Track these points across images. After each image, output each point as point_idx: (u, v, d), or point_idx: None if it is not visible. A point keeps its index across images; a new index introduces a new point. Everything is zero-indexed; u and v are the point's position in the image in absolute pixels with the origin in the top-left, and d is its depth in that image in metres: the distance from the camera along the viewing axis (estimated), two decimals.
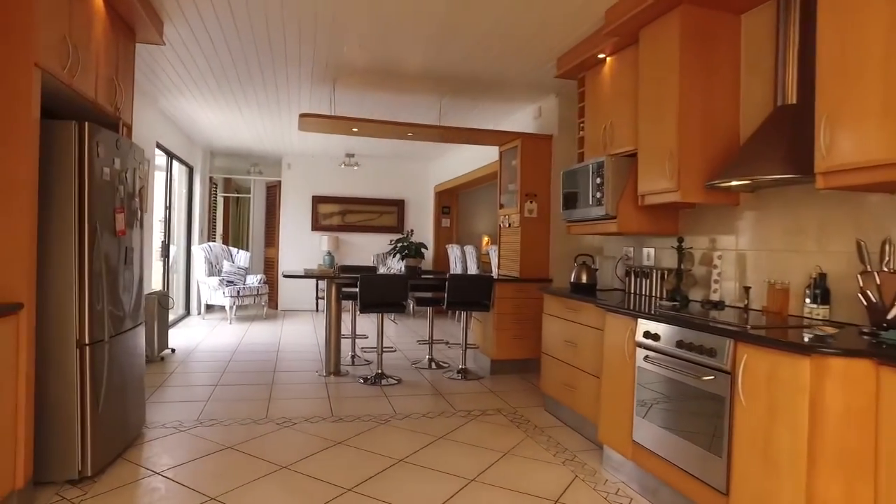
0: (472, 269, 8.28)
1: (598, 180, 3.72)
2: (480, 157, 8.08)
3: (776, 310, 2.76)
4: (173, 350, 6.17)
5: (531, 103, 6.10)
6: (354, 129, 5.56)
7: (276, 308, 9.98)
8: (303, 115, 5.18)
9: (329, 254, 9.79)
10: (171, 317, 8.06)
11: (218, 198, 10.67)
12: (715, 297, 3.22)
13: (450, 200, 10.36)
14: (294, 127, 7.49)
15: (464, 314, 5.65)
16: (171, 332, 7.27)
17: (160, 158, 7.48)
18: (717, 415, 2.32)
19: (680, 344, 2.58)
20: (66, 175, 2.85)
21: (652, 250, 4.01)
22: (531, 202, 5.72)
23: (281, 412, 4.18)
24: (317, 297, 9.95)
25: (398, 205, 10.42)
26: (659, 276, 3.78)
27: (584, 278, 4.28)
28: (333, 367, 5.42)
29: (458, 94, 5.81)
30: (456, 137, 5.99)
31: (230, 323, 8.30)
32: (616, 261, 4.45)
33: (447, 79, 5.32)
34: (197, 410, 4.17)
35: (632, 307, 3.18)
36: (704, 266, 3.45)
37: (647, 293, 3.89)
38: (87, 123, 2.89)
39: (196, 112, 6.92)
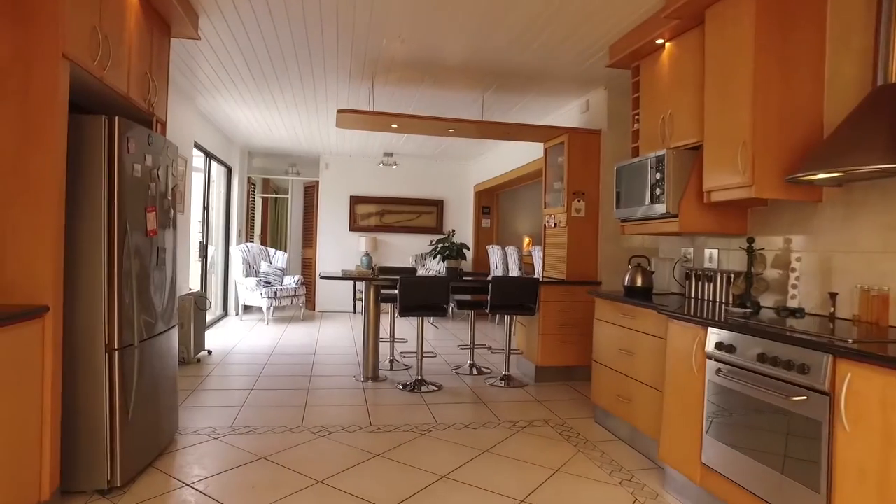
0: (514, 271, 8.02)
1: (658, 175, 3.42)
2: (522, 155, 7.81)
3: (872, 320, 2.43)
4: (210, 352, 6.08)
5: (578, 97, 5.81)
6: (394, 126, 5.37)
7: (314, 309, 9.89)
8: (341, 111, 5.02)
9: (367, 254, 9.65)
10: (209, 317, 8.04)
11: (256, 198, 10.65)
12: (793, 303, 2.89)
13: (490, 200, 10.11)
14: (332, 125, 7.36)
15: (507, 318, 5.39)
16: (209, 334, 7.22)
17: (198, 160, 7.44)
18: (810, 441, 2.02)
19: (762, 358, 2.27)
20: (96, 172, 2.72)
21: (714, 251, 3.68)
22: (579, 201, 5.43)
23: (317, 420, 4.00)
24: (354, 299, 9.83)
25: (437, 205, 10.22)
26: (724, 279, 3.46)
27: (639, 281, 3.98)
28: (371, 371, 5.23)
29: (501, 88, 5.56)
30: (499, 133, 5.74)
31: (267, 324, 8.22)
32: (673, 263, 4.13)
33: (490, 72, 5.08)
34: (231, 416, 4.03)
35: (699, 314, 2.88)
36: (777, 269, 3.13)
37: (710, 298, 3.57)
38: (117, 118, 2.75)
39: (234, 111, 6.85)
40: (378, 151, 9.30)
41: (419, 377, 5.03)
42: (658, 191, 3.41)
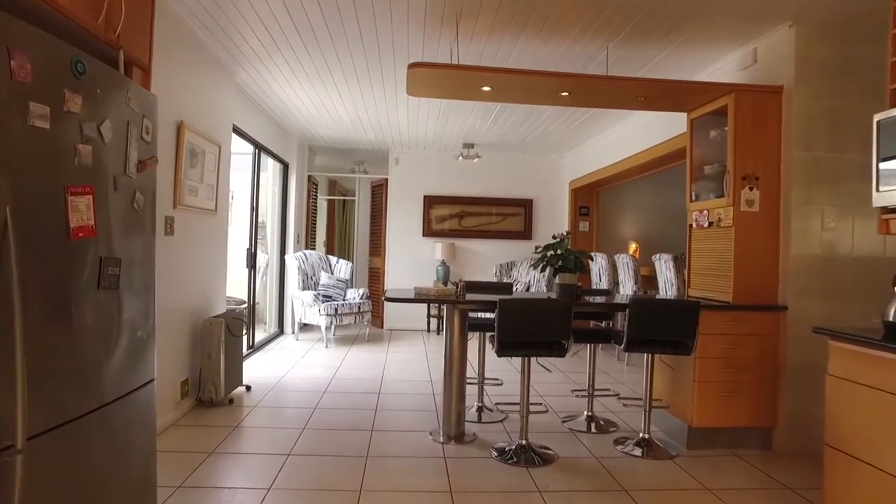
0: (628, 286, 6.36)
1: None
2: (634, 140, 6.25)
3: None
4: (248, 387, 4.80)
5: (739, 46, 4.14)
6: (485, 88, 3.89)
7: (382, 327, 8.56)
8: (413, 66, 3.60)
9: (443, 263, 8.23)
10: (260, 336, 6.88)
11: (319, 200, 9.47)
12: None
13: (589, 199, 8.46)
14: (401, 106, 6.02)
15: (648, 357, 3.78)
16: (255, 358, 6.02)
17: (244, 158, 6.26)
18: None
19: None
20: None
21: None
22: (751, 189, 3.76)
23: None
24: (429, 315, 8.42)
25: (525, 205, 8.67)
26: None
27: None
28: (454, 429, 3.77)
29: (631, 37, 3.99)
30: (632, 96, 4.05)
31: (326, 346, 6.93)
32: None
33: (619, 8, 3.53)
34: None
35: None
36: None
37: None
38: None
39: (284, 90, 5.60)
40: (456, 142, 7.87)
41: (523, 442, 3.52)
42: None
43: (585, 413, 4.23)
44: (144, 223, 2.19)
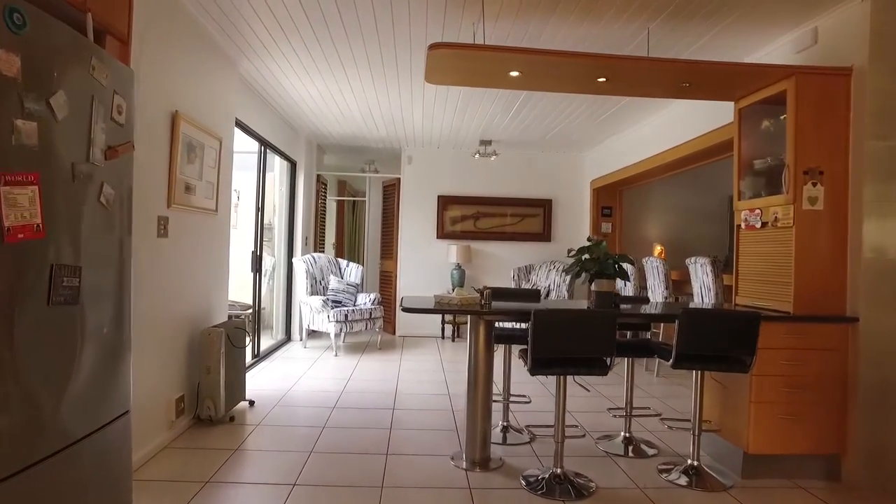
0: (658, 291, 5.92)
1: None
2: (658, 138, 5.91)
3: None
4: (251, 402, 4.42)
5: (796, 25, 3.71)
6: (514, 73, 3.48)
7: (394, 333, 8.16)
8: (435, 47, 3.19)
9: (458, 267, 7.83)
10: (268, 342, 6.53)
11: (328, 201, 9.09)
12: None
13: (611, 199, 8.01)
14: (416, 99, 5.62)
15: (697, 375, 3.34)
16: (262, 367, 5.66)
17: (250, 157, 5.90)
18: None
19: None
20: None
21: None
22: (814, 185, 3.33)
23: None
24: (443, 321, 8.02)
25: (544, 206, 8.24)
26: None
27: None
28: (479, 453, 3.36)
29: (676, 15, 3.57)
30: (674, 83, 3.62)
31: (336, 355, 6.53)
32: None
33: None
34: None
35: None
36: None
37: None
38: None
39: (291, 82, 5.22)
40: (473, 139, 7.46)
41: (558, 471, 3.10)
42: None
43: (622, 434, 3.81)
44: (115, 222, 1.80)
